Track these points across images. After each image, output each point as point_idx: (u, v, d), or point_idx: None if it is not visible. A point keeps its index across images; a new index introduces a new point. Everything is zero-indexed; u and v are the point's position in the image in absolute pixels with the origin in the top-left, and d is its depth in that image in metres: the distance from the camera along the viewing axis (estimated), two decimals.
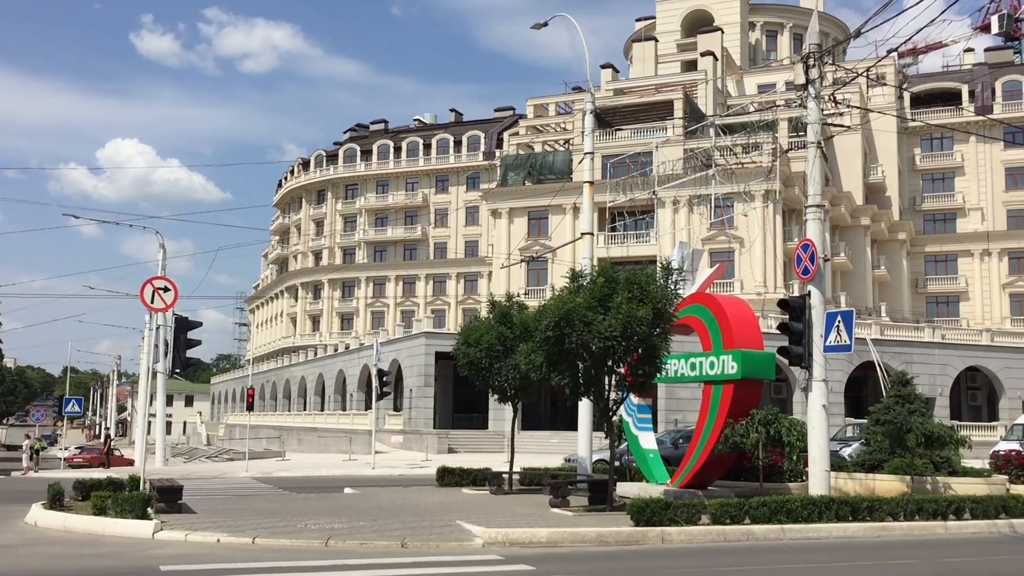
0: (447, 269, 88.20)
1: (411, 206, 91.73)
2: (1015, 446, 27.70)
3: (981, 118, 72.49)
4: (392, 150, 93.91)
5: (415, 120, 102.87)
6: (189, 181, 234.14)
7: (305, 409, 75.89)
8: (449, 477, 25.93)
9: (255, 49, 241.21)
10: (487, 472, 25.25)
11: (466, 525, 16.30)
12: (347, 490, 25.04)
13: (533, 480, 24.82)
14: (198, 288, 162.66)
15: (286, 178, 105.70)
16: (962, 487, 20.65)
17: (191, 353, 33.01)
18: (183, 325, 31.86)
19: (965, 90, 77.42)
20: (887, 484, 21.17)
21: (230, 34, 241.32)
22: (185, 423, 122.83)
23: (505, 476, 24.21)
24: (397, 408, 58.73)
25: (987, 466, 25.71)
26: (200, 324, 33.40)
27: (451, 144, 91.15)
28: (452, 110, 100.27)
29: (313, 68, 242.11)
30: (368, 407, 56.12)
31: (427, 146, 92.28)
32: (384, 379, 40.88)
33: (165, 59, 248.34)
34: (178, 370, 34.74)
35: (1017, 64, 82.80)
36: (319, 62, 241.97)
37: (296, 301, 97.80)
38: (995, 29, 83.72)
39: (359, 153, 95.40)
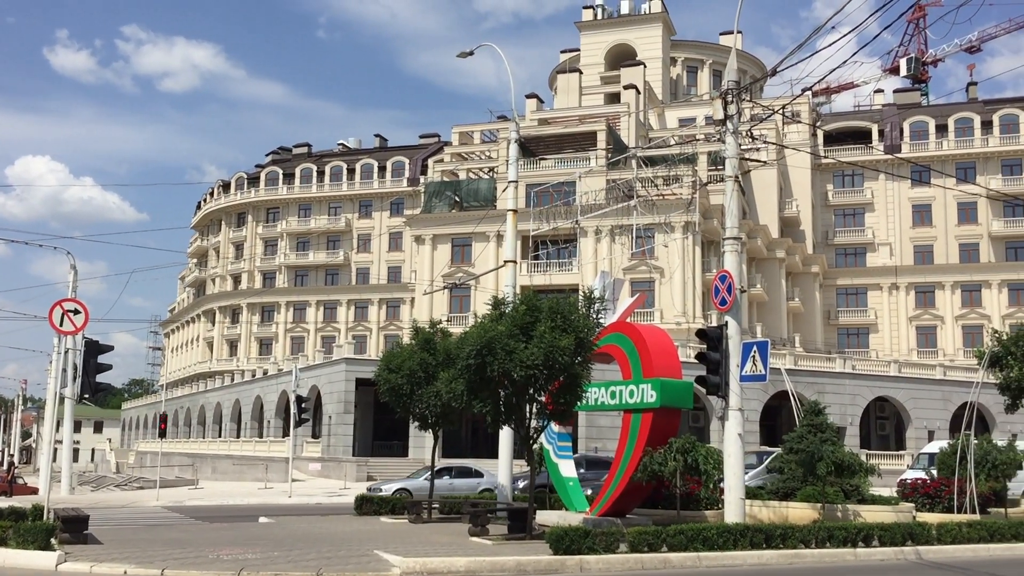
0: (369, 295, 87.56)
1: (334, 231, 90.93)
2: (921, 475, 28.56)
3: (890, 157, 75.31)
4: (315, 174, 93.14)
5: (339, 144, 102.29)
6: (103, 201, 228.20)
7: (220, 436, 74.10)
8: (368, 505, 25.59)
9: (175, 68, 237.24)
10: (406, 500, 25.00)
11: (384, 555, 16.09)
12: (262, 519, 24.50)
13: (453, 508, 24.68)
14: (111, 311, 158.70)
15: (205, 200, 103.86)
16: (871, 514, 21.18)
17: (101, 378, 31.94)
18: (93, 349, 30.87)
19: (875, 129, 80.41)
20: (800, 511, 21.60)
21: (149, 52, 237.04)
22: (94, 450, 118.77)
23: (425, 505, 24.00)
24: (316, 435, 57.79)
25: (895, 494, 26.46)
26: (111, 348, 32.38)
27: (375, 169, 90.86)
28: (377, 135, 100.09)
29: (236, 89, 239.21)
30: (286, 434, 55.12)
31: (351, 171, 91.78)
32: (303, 405, 40.24)
33: (80, 76, 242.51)
34: (87, 395, 33.56)
35: (924, 106, 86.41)
36: (242, 84, 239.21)
37: (213, 325, 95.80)
38: (903, 72, 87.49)
39: (281, 176, 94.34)
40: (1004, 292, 75.13)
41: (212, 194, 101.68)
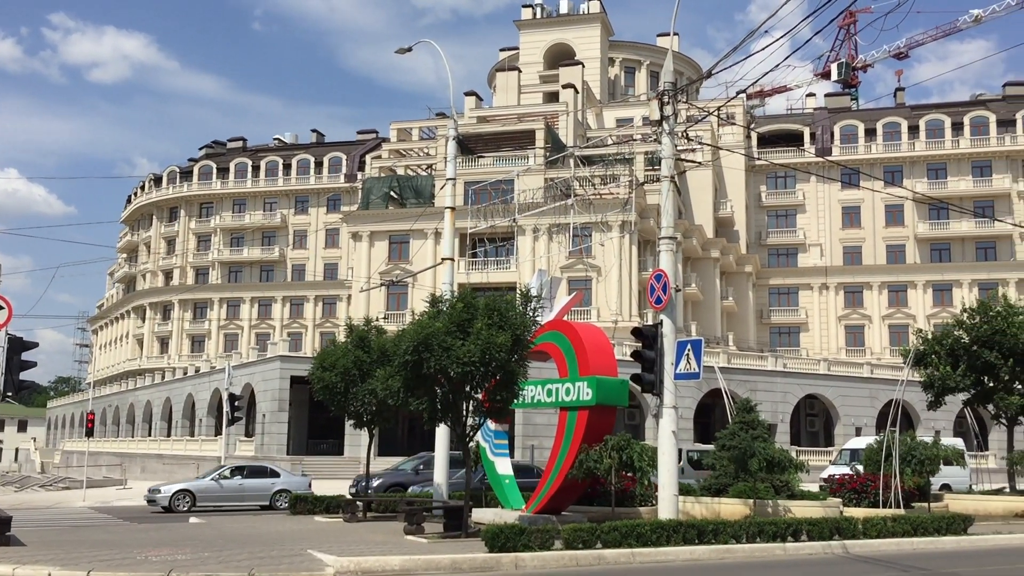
0: (305, 292, 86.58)
1: (269, 226, 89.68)
2: (845, 470, 29.27)
3: (821, 159, 76.85)
4: (250, 169, 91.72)
5: (275, 139, 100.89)
6: (29, 193, 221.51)
7: (150, 435, 72.59)
8: (301, 505, 25.33)
9: (105, 58, 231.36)
10: (341, 499, 24.79)
11: (317, 554, 15.92)
12: (192, 519, 24.08)
13: (388, 507, 24.54)
14: (36, 306, 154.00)
15: (136, 194, 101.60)
16: (800, 510, 21.61)
17: (26, 375, 30.79)
18: (17, 346, 29.76)
19: (807, 132, 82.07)
20: (732, 507, 21.94)
21: (77, 41, 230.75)
22: (17, 450, 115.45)
23: (360, 503, 23.82)
24: (249, 434, 56.95)
25: (823, 489, 27.06)
26: (36, 345, 31.22)
27: (312, 165, 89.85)
28: (314, 131, 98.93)
29: (168, 81, 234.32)
30: (218, 433, 54.23)
31: (287, 166, 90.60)
32: (236, 403, 39.59)
33: (5, 65, 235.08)
34: (10, 394, 32.53)
35: (854, 110, 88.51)
36: (175, 75, 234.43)
37: (144, 322, 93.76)
38: (834, 76, 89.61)
39: (215, 171, 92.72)
40: (929, 293, 77.33)
41: (143, 188, 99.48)
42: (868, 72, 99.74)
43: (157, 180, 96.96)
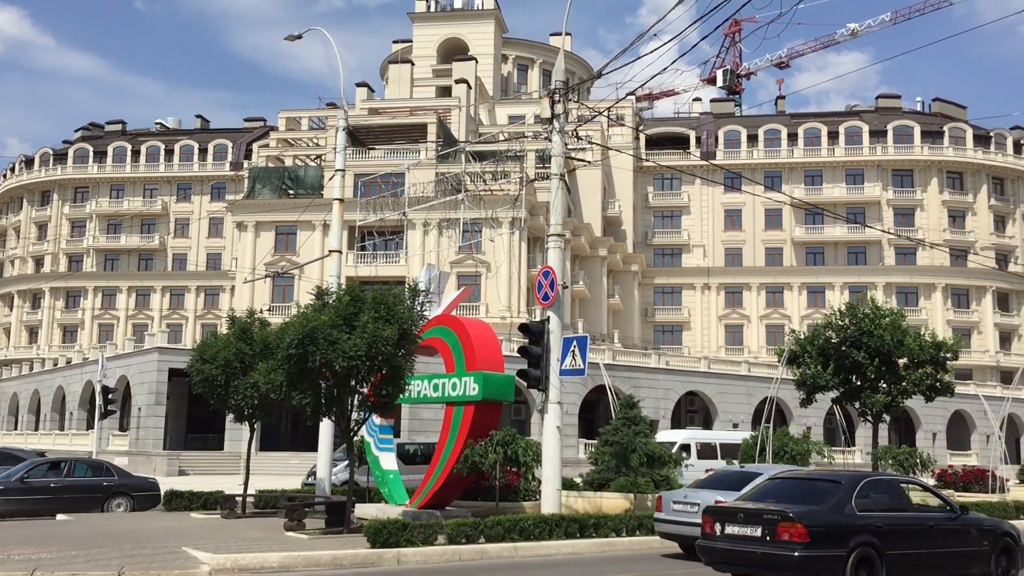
0: (186, 282, 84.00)
1: (149, 214, 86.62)
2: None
3: (705, 163, 79.03)
4: (130, 153, 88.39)
5: (157, 124, 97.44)
6: None
7: (17, 428, 69.17)
8: (177, 501, 24.55)
9: None
10: (219, 495, 24.15)
11: (192, 551, 15.48)
12: (60, 516, 23.03)
13: (269, 503, 24.05)
14: None
15: (5, 175, 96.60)
16: None
17: None
18: None
19: (692, 136, 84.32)
20: (613, 502, 22.36)
21: None
22: None
23: (239, 499, 23.27)
24: (123, 428, 54.93)
25: None
26: None
27: (196, 151, 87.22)
28: (198, 116, 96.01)
29: (43, 59, 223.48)
30: (90, 427, 52.09)
31: (169, 152, 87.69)
32: (110, 396, 38.19)
33: None
34: None
35: (737, 116, 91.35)
36: (50, 53, 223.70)
37: (11, 310, 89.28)
38: (719, 82, 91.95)
39: (92, 154, 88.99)
40: (804, 294, 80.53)
41: (13, 169, 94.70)
42: (751, 80, 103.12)
43: (28, 162, 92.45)
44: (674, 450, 28.44)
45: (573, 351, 19.58)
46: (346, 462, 23.02)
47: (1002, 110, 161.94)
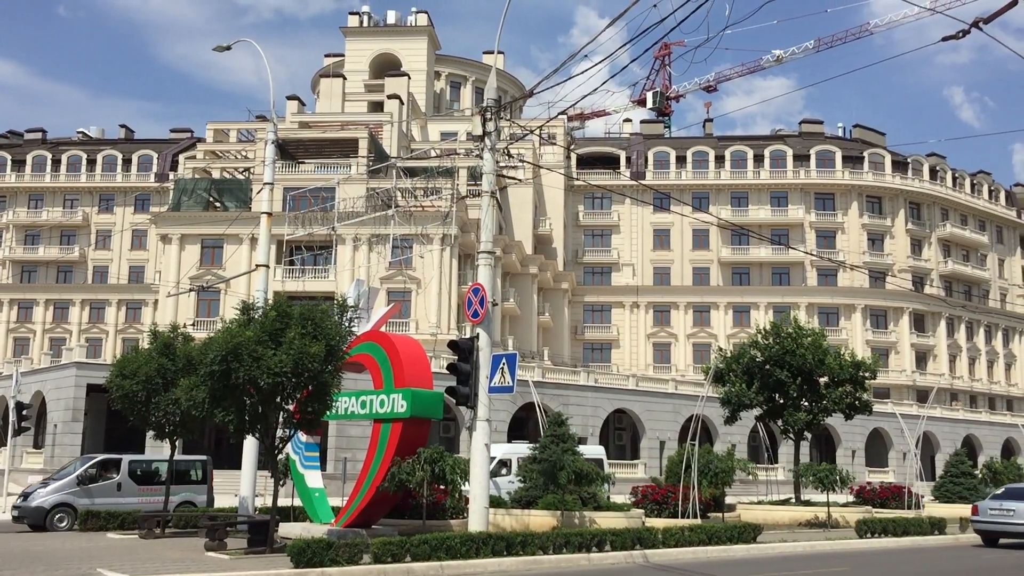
0: (107, 295, 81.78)
1: (69, 225, 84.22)
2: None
3: (635, 183, 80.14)
4: (50, 162, 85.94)
5: (79, 133, 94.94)
6: None
7: None
8: (93, 521, 23.82)
9: None
10: (137, 514, 23.50)
11: (108, 573, 15.01)
12: None
13: (189, 522, 23.49)
14: None
15: None
16: (605, 521, 22.30)
17: None
18: None
19: (623, 156, 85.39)
20: (541, 519, 22.38)
21: None
22: None
23: (158, 518, 22.67)
24: (38, 445, 53.09)
25: (628, 500, 28.06)
26: None
27: (119, 162, 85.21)
28: (123, 126, 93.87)
29: None
30: (3, 444, 50.23)
31: (91, 162, 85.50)
32: (24, 412, 36.87)
33: None
34: None
35: (666, 137, 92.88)
36: None
37: None
38: (649, 104, 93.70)
39: (10, 162, 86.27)
40: (730, 314, 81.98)
41: None
42: (680, 102, 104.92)
43: None
44: (492, 465, 27.22)
45: (502, 368, 19.58)
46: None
47: (919, 137, 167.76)
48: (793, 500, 33.45)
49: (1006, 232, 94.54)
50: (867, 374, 33.68)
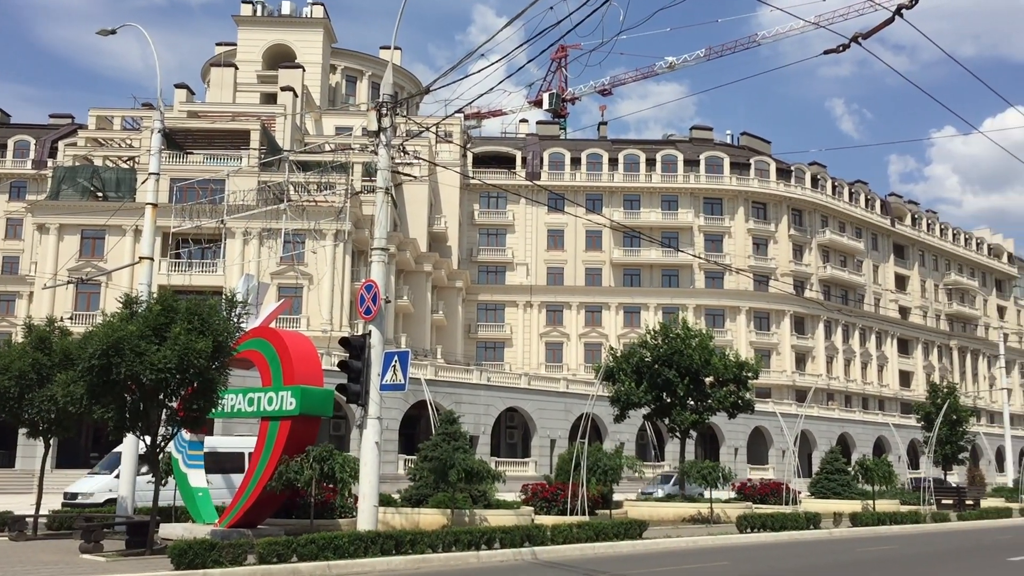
0: None
1: None
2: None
3: (530, 183, 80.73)
4: None
5: None
6: None
7: None
8: None
9: None
10: (7, 516, 22.43)
11: None
12: None
13: (65, 524, 22.55)
14: None
15: None
16: (495, 518, 22.42)
17: None
18: None
19: (519, 156, 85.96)
20: (431, 517, 22.34)
21: None
22: None
23: (29, 520, 21.69)
24: None
25: (518, 498, 28.28)
26: None
27: None
28: None
29: None
30: None
31: None
32: None
33: None
34: None
35: (562, 139, 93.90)
36: None
37: None
38: (546, 105, 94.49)
39: None
40: (620, 314, 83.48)
41: None
42: (576, 104, 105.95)
43: None
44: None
45: (394, 366, 19.47)
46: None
47: (802, 146, 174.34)
48: (678, 496, 34.29)
49: (880, 239, 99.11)
50: (750, 374, 34.82)
